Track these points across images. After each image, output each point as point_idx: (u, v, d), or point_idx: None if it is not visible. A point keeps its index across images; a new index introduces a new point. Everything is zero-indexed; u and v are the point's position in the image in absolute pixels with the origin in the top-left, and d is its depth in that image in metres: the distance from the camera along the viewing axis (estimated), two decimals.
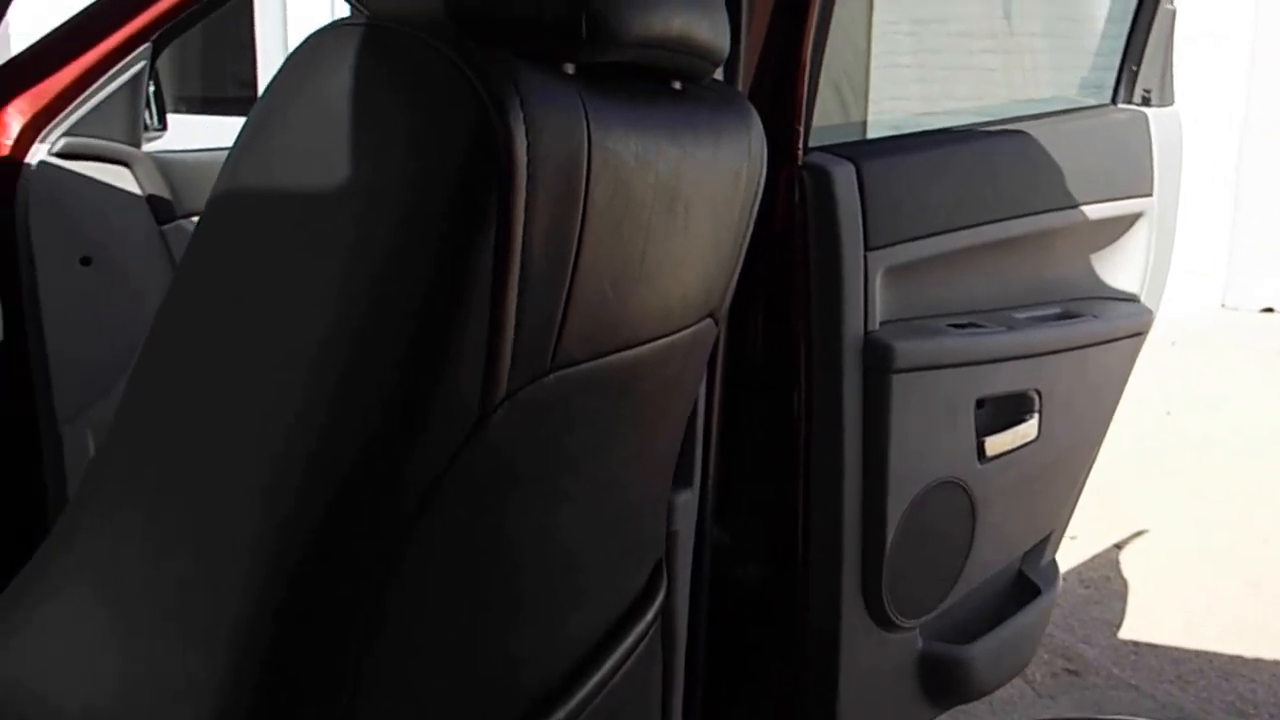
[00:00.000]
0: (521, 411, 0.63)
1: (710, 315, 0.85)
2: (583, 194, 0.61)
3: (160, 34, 1.84)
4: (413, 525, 0.60)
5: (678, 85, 0.77)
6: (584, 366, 0.67)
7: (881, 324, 1.28)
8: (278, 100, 0.58)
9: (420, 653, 0.65)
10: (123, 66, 1.84)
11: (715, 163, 0.78)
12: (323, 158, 0.56)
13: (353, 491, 0.57)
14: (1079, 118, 1.59)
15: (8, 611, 0.63)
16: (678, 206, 0.72)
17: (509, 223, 0.57)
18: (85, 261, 1.85)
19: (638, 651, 0.88)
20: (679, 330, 0.79)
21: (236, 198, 0.59)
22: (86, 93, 1.82)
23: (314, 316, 0.57)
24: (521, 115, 0.56)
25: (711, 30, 0.74)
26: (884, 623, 1.33)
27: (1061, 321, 1.47)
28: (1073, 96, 2.35)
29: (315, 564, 0.58)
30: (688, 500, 1.12)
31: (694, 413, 1.13)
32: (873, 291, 1.26)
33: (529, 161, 0.57)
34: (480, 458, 0.62)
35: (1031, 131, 1.44)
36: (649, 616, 0.90)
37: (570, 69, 0.64)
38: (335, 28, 0.57)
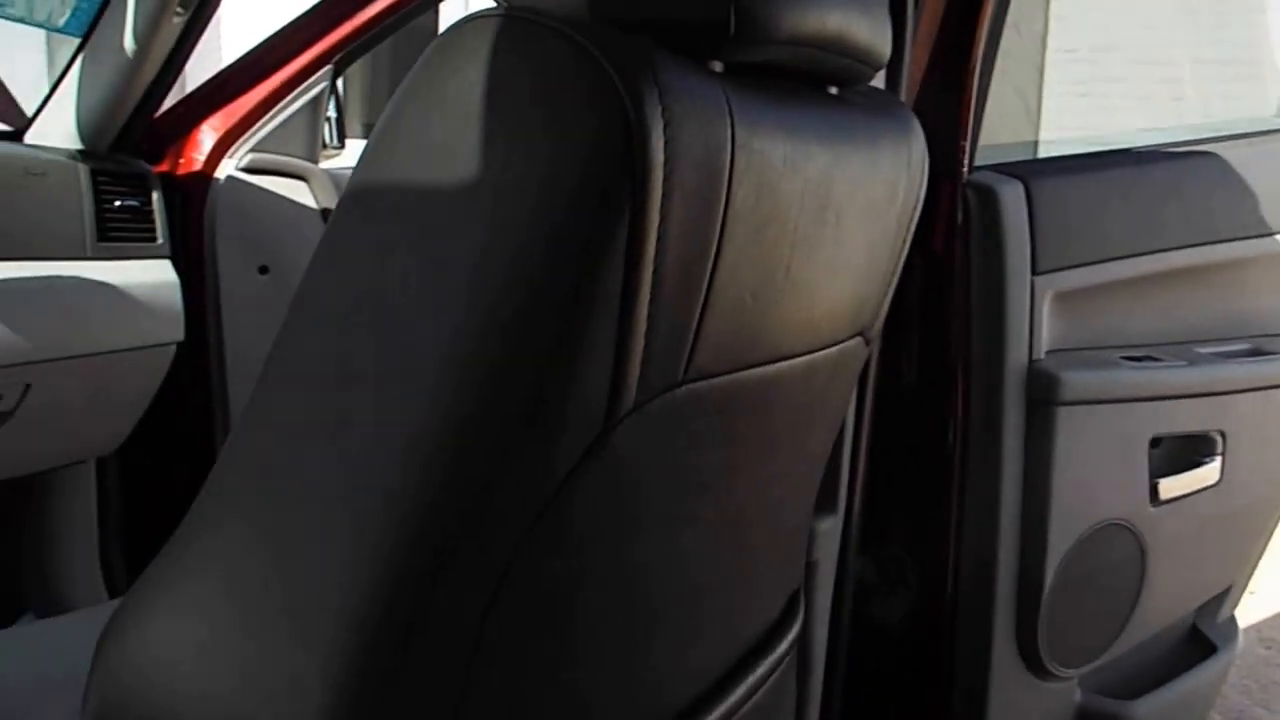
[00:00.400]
0: (649, 425, 0.60)
1: (860, 334, 0.82)
2: (724, 196, 0.59)
3: (340, 57, 1.92)
4: (528, 539, 0.58)
5: (834, 90, 0.74)
6: (719, 380, 0.64)
7: (1047, 353, 1.21)
8: (412, 94, 0.57)
9: (529, 672, 0.63)
10: (305, 88, 1.92)
11: (871, 171, 0.74)
12: (452, 152, 0.55)
13: (469, 502, 0.56)
14: (1274, 140, 1.48)
15: (139, 599, 0.65)
16: (828, 215, 0.69)
17: (642, 223, 0.54)
18: (263, 270, 1.94)
19: (769, 684, 0.84)
20: (825, 347, 0.75)
21: (366, 192, 0.59)
22: (271, 112, 1.91)
23: (436, 319, 0.55)
24: (660, 109, 0.54)
25: (871, 32, 0.70)
26: (1039, 670, 1.25)
27: (1252, 359, 1.37)
28: (1270, 117, 2.20)
29: (429, 574, 0.56)
30: (830, 529, 1.08)
31: (841, 437, 1.09)
32: (1039, 318, 1.19)
33: (666, 159, 0.54)
34: (603, 472, 0.59)
35: (1222, 153, 1.35)
36: (782, 648, 0.87)
37: (718, 67, 0.61)
38: (473, 19, 0.56)
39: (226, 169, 1.89)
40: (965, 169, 1.17)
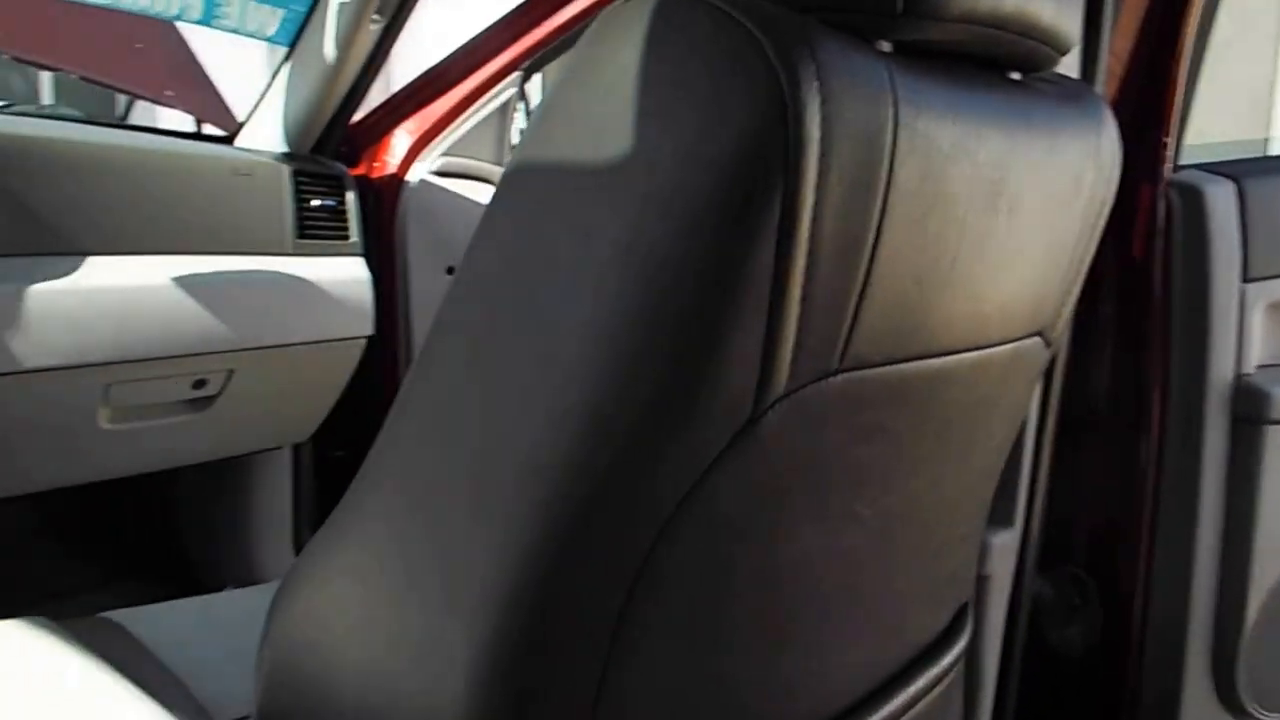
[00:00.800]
0: (801, 413, 0.58)
1: (1039, 334, 0.77)
2: (884, 178, 0.56)
3: (528, 64, 1.97)
4: (673, 522, 0.57)
5: (1016, 75, 0.70)
6: (878, 371, 0.62)
7: (1258, 368, 1.12)
8: (571, 73, 0.57)
9: (671, 660, 0.62)
10: (494, 94, 1.97)
11: (1051, 162, 0.70)
12: (606, 129, 0.55)
13: (612, 480, 0.55)
14: None
15: (305, 566, 0.67)
16: (1000, 204, 0.65)
17: (796, 202, 0.52)
18: (450, 270, 2.01)
19: (931, 696, 0.80)
20: (997, 344, 0.71)
21: (524, 168, 0.59)
22: (462, 117, 1.97)
23: (583, 294, 0.55)
24: (816, 86, 0.52)
25: (1055, 13, 0.66)
26: (1237, 710, 1.15)
27: None
28: None
29: (572, 551, 0.56)
30: (1006, 543, 1.02)
31: (1020, 446, 1.03)
32: (1249, 329, 1.10)
33: (822, 137, 0.52)
34: (751, 459, 0.57)
35: None
36: (946, 660, 0.82)
37: (886, 47, 0.59)
38: None
39: (418, 172, 1.97)
40: (1168, 167, 1.10)
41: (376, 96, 1.97)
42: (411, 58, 2.16)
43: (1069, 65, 1.16)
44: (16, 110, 1.84)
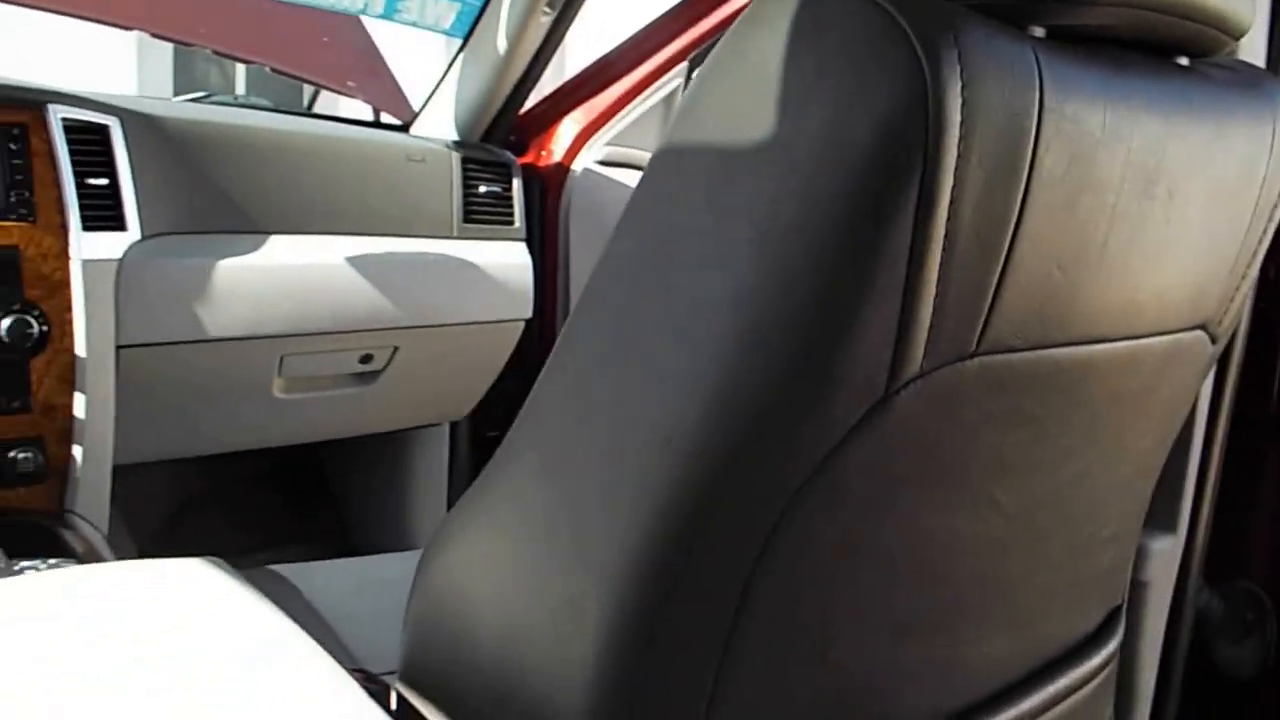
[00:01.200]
0: (936, 395, 0.58)
1: (1202, 326, 0.74)
2: (1028, 161, 0.55)
3: (694, 55, 1.98)
4: (800, 495, 0.57)
5: (1184, 61, 0.68)
6: (1019, 356, 0.61)
7: None
8: (716, 60, 0.58)
9: (796, 635, 0.62)
10: (660, 84, 1.99)
11: (1217, 148, 0.67)
12: (748, 112, 0.56)
13: (741, 458, 0.56)
14: None
15: (452, 524, 0.71)
16: (1157, 190, 0.63)
17: (934, 185, 0.52)
18: None
19: (1073, 700, 0.78)
20: (1152, 335, 0.69)
21: (670, 152, 0.60)
22: (628, 107, 2.00)
23: (721, 272, 0.56)
24: (959, 70, 0.52)
25: None
26: None
27: None
28: None
29: (701, 517, 0.57)
30: (1166, 549, 0.98)
31: (1185, 446, 0.98)
32: None
33: (963, 120, 0.52)
34: (883, 438, 0.57)
35: None
36: (1092, 664, 0.80)
37: (1039, 32, 0.58)
38: None
39: (583, 161, 2.01)
40: None
41: (550, 85, 2.03)
42: (587, 47, 2.21)
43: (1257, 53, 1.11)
44: (214, 100, 1.97)
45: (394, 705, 0.76)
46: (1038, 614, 0.75)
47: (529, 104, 1.98)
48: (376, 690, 0.72)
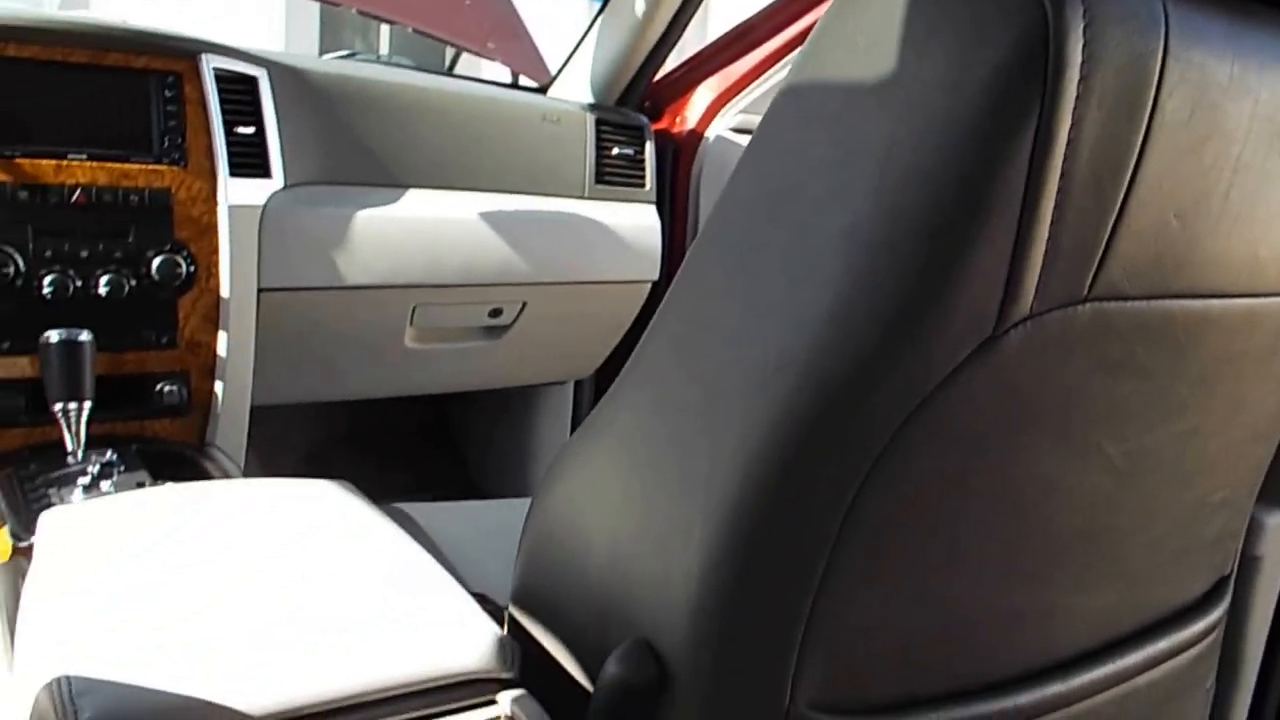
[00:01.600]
0: (1044, 339, 0.57)
1: None
2: (1149, 106, 0.54)
3: None
4: (905, 429, 0.57)
5: None
6: (1132, 305, 0.59)
7: None
8: (842, 2, 0.59)
9: (894, 568, 0.62)
10: (795, 54, 1.97)
11: None
12: (870, 52, 0.56)
13: (848, 389, 0.57)
14: None
15: (567, 454, 0.74)
16: None
17: (1051, 125, 0.52)
18: None
19: (1173, 664, 0.76)
20: (1274, 295, 0.66)
21: (792, 92, 0.61)
22: (764, 75, 1.99)
23: (841, 206, 0.57)
24: (1081, 11, 0.51)
25: None
26: None
27: None
28: None
29: (807, 446, 0.58)
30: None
31: None
32: None
33: (1083, 61, 0.52)
34: (990, 378, 0.57)
35: None
36: (1194, 629, 0.78)
37: None
38: None
39: (717, 129, 2.01)
40: None
41: (691, 50, 2.03)
42: (731, 11, 2.20)
43: None
44: (359, 59, 2.04)
45: (506, 627, 0.79)
46: (1142, 573, 0.73)
47: (666, 69, 1.99)
48: (492, 609, 0.76)
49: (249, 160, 1.44)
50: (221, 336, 1.44)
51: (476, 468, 2.20)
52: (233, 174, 1.42)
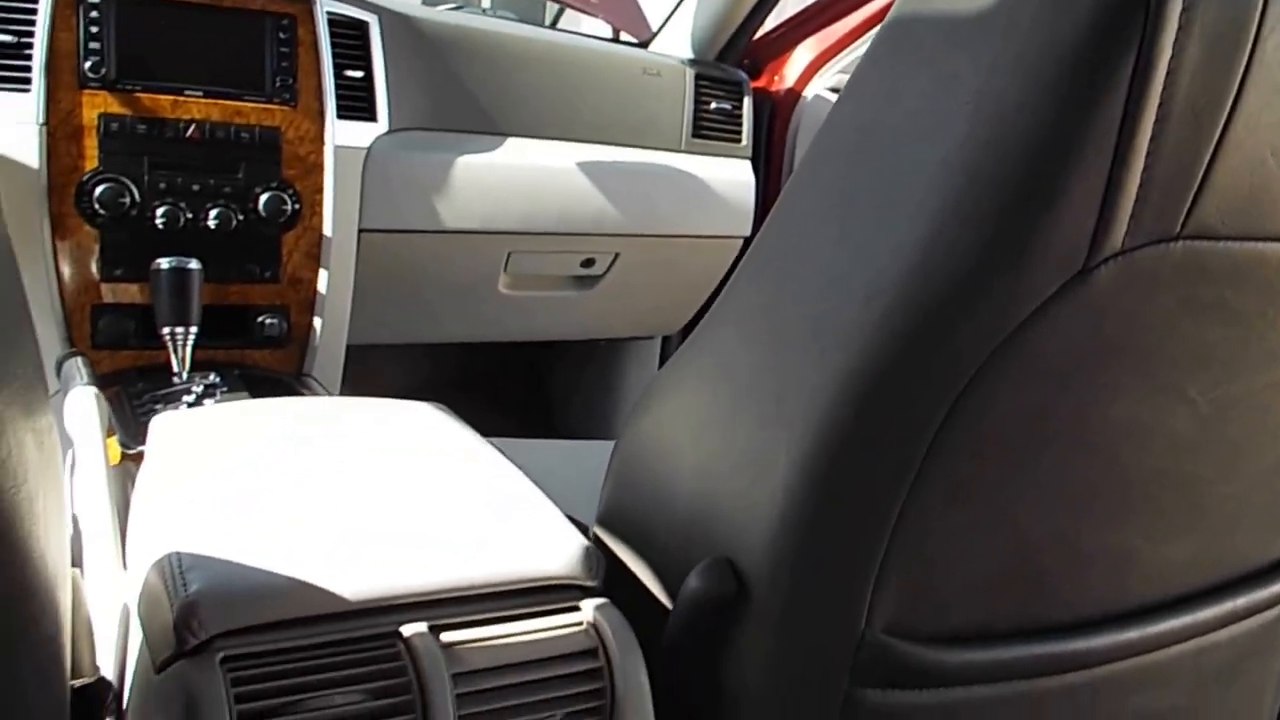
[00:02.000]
0: (1135, 276, 0.57)
1: None
2: (1250, 41, 0.53)
3: None
4: (992, 361, 0.58)
5: None
6: (1224, 245, 0.58)
7: None
8: None
9: (975, 499, 0.63)
10: None
11: None
12: None
13: (937, 318, 0.57)
14: None
15: (657, 384, 0.76)
16: None
17: (1151, 57, 0.52)
18: None
19: (1250, 623, 0.75)
20: None
21: (891, 29, 0.62)
22: (866, 35, 1.97)
23: (937, 136, 0.57)
24: None
25: None
26: None
27: None
28: None
29: (890, 380, 0.59)
30: None
31: None
32: None
33: None
34: (1078, 312, 0.57)
35: None
36: (1271, 590, 0.77)
37: None
38: None
39: (815, 88, 2.00)
40: None
41: (792, 10, 2.02)
42: None
43: None
44: (463, 10, 2.07)
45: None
46: (1222, 526, 0.72)
47: (766, 28, 1.98)
48: (579, 527, 0.78)
49: (356, 103, 1.48)
50: (322, 274, 1.49)
51: (560, 418, 2.23)
52: (340, 116, 1.46)
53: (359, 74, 1.49)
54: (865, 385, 0.59)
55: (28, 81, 1.30)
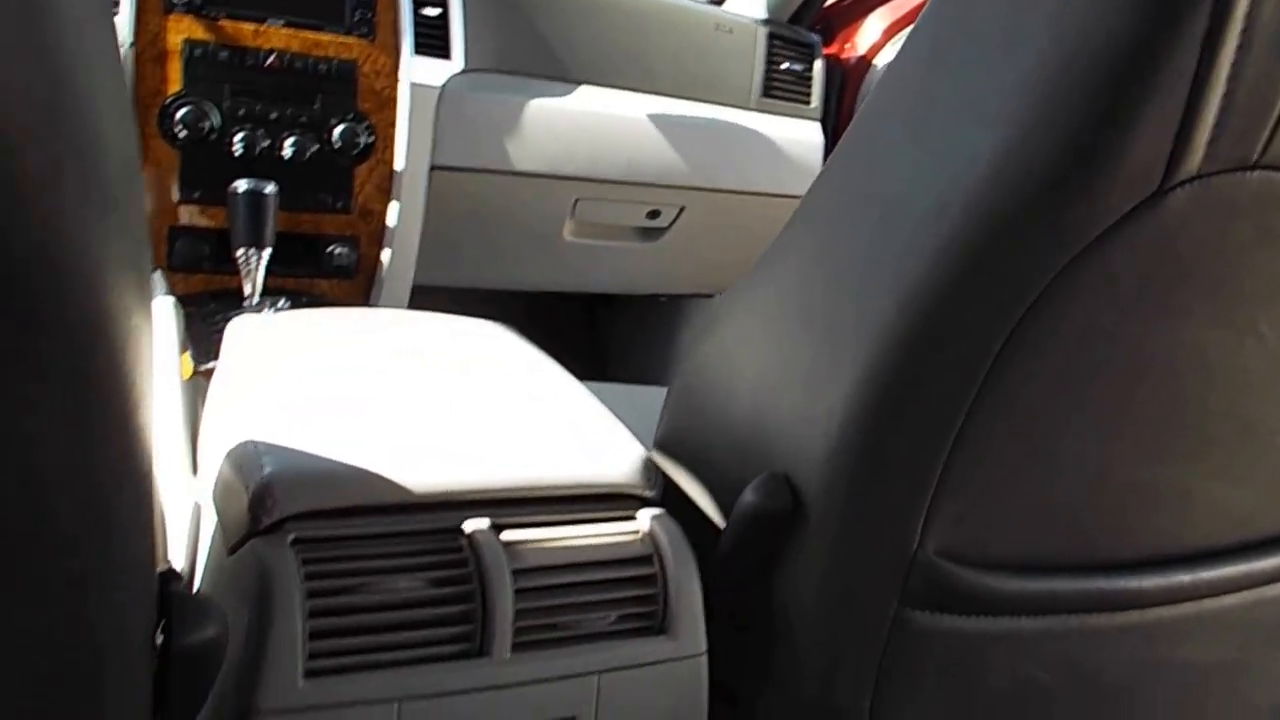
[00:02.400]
0: (1210, 201, 0.56)
1: None
2: None
3: None
4: (1058, 281, 0.57)
5: None
6: None
7: None
8: None
9: (1039, 421, 0.63)
10: None
11: None
12: None
13: (1009, 232, 0.57)
14: None
15: (720, 310, 0.77)
16: None
17: None
18: None
19: None
20: None
21: None
22: None
23: (1015, 53, 0.57)
24: None
25: None
26: None
27: None
28: None
29: (956, 297, 0.59)
30: None
31: None
32: None
33: None
34: (1149, 236, 0.57)
35: None
36: None
37: None
38: None
39: (886, 57, 1.98)
40: None
41: None
42: None
43: None
44: None
45: None
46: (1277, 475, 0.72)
47: None
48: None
49: (432, 40, 1.50)
50: (393, 207, 1.51)
51: (616, 374, 2.24)
52: (416, 52, 1.48)
53: (436, 12, 1.50)
54: (931, 300, 0.59)
55: (116, 2, 1.33)
